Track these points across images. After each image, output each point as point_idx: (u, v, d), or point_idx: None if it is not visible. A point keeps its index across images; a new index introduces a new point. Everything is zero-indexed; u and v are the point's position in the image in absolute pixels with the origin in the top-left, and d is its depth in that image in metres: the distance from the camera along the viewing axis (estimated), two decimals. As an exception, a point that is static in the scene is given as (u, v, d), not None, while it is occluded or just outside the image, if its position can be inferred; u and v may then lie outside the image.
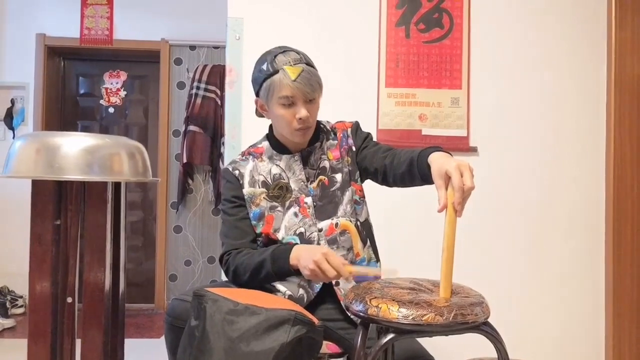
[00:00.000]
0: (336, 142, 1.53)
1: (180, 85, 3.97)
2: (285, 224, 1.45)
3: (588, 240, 2.30)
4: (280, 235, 1.44)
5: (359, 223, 1.49)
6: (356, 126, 1.57)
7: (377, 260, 1.53)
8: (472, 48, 2.28)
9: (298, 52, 1.43)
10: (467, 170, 1.09)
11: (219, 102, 3.80)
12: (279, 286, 1.44)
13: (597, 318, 2.29)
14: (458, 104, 2.27)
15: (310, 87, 1.38)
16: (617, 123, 2.29)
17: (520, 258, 2.28)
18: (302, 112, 1.39)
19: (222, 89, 3.73)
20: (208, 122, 3.79)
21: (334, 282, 1.45)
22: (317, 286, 1.44)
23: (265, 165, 1.50)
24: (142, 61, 4.09)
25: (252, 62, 2.20)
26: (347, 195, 1.48)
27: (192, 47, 3.95)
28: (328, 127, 1.56)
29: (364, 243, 1.49)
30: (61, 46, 3.95)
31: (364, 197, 1.53)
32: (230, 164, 1.54)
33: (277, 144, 1.51)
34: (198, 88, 3.81)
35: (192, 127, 3.78)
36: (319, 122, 1.56)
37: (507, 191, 2.28)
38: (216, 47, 3.91)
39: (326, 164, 1.50)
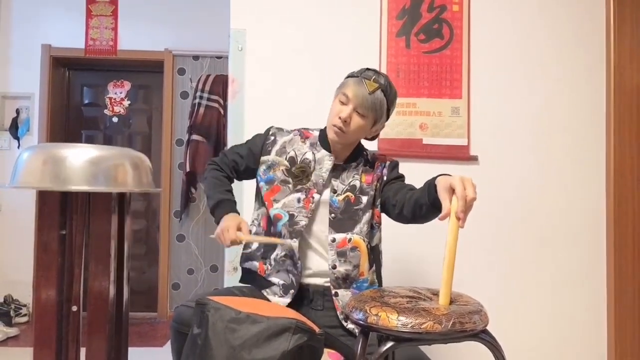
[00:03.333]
0: (372, 170, 1.60)
1: (184, 95, 4.00)
2: (285, 201, 1.53)
3: (589, 247, 2.31)
4: (275, 206, 1.53)
5: (370, 246, 1.54)
6: (395, 164, 1.65)
7: (380, 286, 1.56)
8: (472, 58, 2.31)
9: (386, 80, 1.53)
10: (469, 184, 1.16)
11: (222, 111, 3.83)
12: (273, 279, 1.52)
13: (598, 327, 2.29)
14: (458, 113, 2.29)
15: (366, 104, 1.48)
16: (617, 131, 2.31)
17: (520, 266, 2.29)
18: (345, 112, 1.48)
19: (225, 98, 3.76)
20: (211, 131, 3.82)
21: (332, 293, 1.49)
22: (299, 265, 1.49)
23: (303, 147, 1.59)
24: (146, 71, 4.13)
25: (254, 72, 2.27)
26: (367, 216, 1.54)
27: (196, 57, 3.99)
28: (369, 157, 1.64)
29: (370, 266, 1.54)
30: (66, 57, 3.99)
31: (380, 224, 1.59)
32: (275, 128, 1.65)
33: (324, 139, 1.59)
34: (201, 98, 3.84)
35: (195, 137, 3.81)
36: (363, 149, 1.64)
37: (508, 199, 2.29)
38: (219, 57, 3.94)
39: (357, 183, 1.57)
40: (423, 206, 1.35)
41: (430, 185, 1.31)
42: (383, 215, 1.60)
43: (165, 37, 3.97)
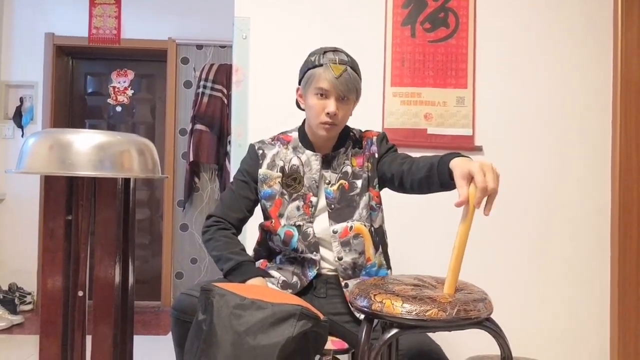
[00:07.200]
0: (361, 150, 1.57)
1: (187, 84, 3.99)
2: (287, 213, 1.51)
3: (594, 239, 2.30)
4: (282, 222, 1.51)
5: (373, 229, 1.52)
6: (382, 136, 1.60)
7: (388, 267, 1.56)
8: (477, 47, 2.29)
9: (348, 55, 1.49)
10: (490, 171, 1.10)
11: (226, 101, 3.82)
12: (273, 272, 1.51)
13: (602, 316, 2.29)
14: (463, 103, 2.28)
15: (346, 87, 1.44)
16: (623, 123, 2.29)
17: (524, 257, 2.29)
18: (332, 107, 1.45)
19: (228, 88, 3.75)
20: (214, 121, 3.82)
21: (342, 284, 1.48)
22: (311, 274, 1.48)
23: (288, 154, 1.56)
24: (150, 60, 4.12)
25: (258, 61, 2.26)
26: (364, 200, 1.52)
27: (199, 47, 3.98)
28: (357, 136, 1.60)
29: (376, 249, 1.52)
30: (70, 45, 3.98)
31: (380, 203, 1.56)
32: (258, 142, 1.61)
33: (304, 138, 1.57)
34: (205, 87, 3.84)
35: (198, 126, 3.81)
36: (349, 130, 1.60)
37: (513, 190, 2.29)
38: (223, 47, 3.93)
39: (349, 169, 1.54)
40: (432, 185, 1.31)
41: (441, 166, 1.25)
42: (385, 197, 1.58)
43: (169, 26, 3.95)
